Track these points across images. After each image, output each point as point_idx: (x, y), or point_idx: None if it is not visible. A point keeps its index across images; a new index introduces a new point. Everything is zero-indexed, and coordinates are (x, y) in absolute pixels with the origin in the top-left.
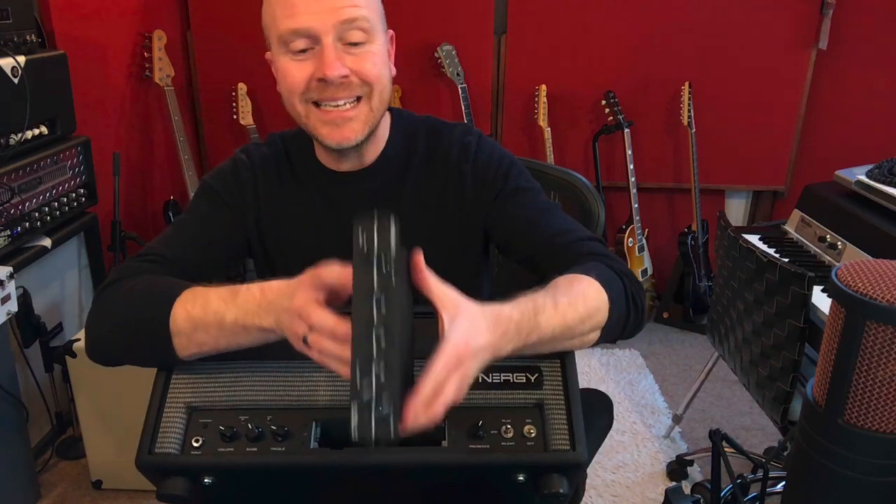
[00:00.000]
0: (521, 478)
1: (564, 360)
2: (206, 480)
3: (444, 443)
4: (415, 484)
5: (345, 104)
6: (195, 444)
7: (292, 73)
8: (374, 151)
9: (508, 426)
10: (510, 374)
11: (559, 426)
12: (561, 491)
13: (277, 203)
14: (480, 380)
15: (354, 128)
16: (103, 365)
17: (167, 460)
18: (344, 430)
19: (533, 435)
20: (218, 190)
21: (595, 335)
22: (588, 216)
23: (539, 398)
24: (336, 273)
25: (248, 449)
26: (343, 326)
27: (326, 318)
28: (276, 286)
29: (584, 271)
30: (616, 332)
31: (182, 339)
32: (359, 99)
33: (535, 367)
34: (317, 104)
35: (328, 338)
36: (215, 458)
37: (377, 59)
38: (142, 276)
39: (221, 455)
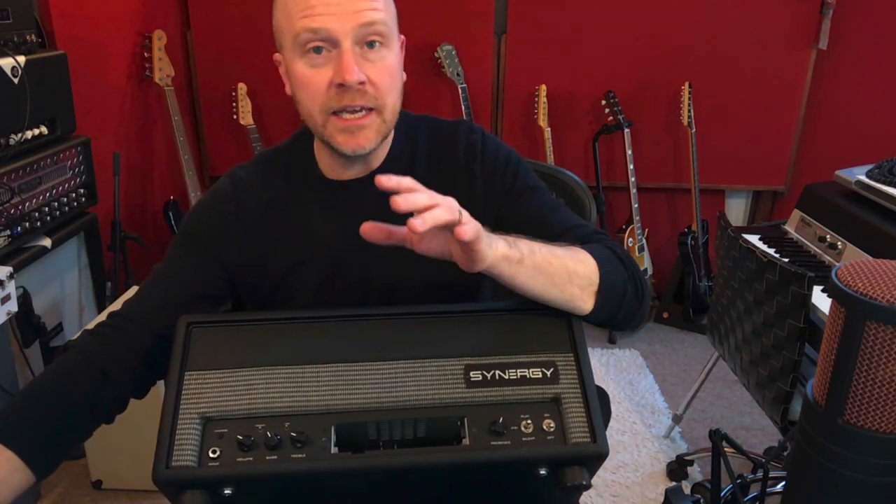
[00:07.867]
0: (542, 472)
1: (578, 353)
2: (226, 492)
3: (465, 441)
4: (436, 483)
5: (361, 111)
6: (212, 455)
7: (311, 81)
8: (379, 157)
9: (528, 421)
10: (526, 370)
11: (578, 419)
12: (583, 483)
13: (269, 219)
14: (497, 377)
15: (368, 136)
16: None
17: (185, 474)
18: (363, 433)
19: (552, 429)
20: (193, 232)
21: (589, 296)
22: (580, 213)
23: (556, 392)
24: None
25: (267, 457)
26: None
27: None
28: None
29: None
30: (614, 302)
31: None
32: (370, 109)
33: (550, 362)
34: (335, 112)
35: None
36: (234, 468)
37: (393, 69)
38: (72, 354)
39: (240, 465)
